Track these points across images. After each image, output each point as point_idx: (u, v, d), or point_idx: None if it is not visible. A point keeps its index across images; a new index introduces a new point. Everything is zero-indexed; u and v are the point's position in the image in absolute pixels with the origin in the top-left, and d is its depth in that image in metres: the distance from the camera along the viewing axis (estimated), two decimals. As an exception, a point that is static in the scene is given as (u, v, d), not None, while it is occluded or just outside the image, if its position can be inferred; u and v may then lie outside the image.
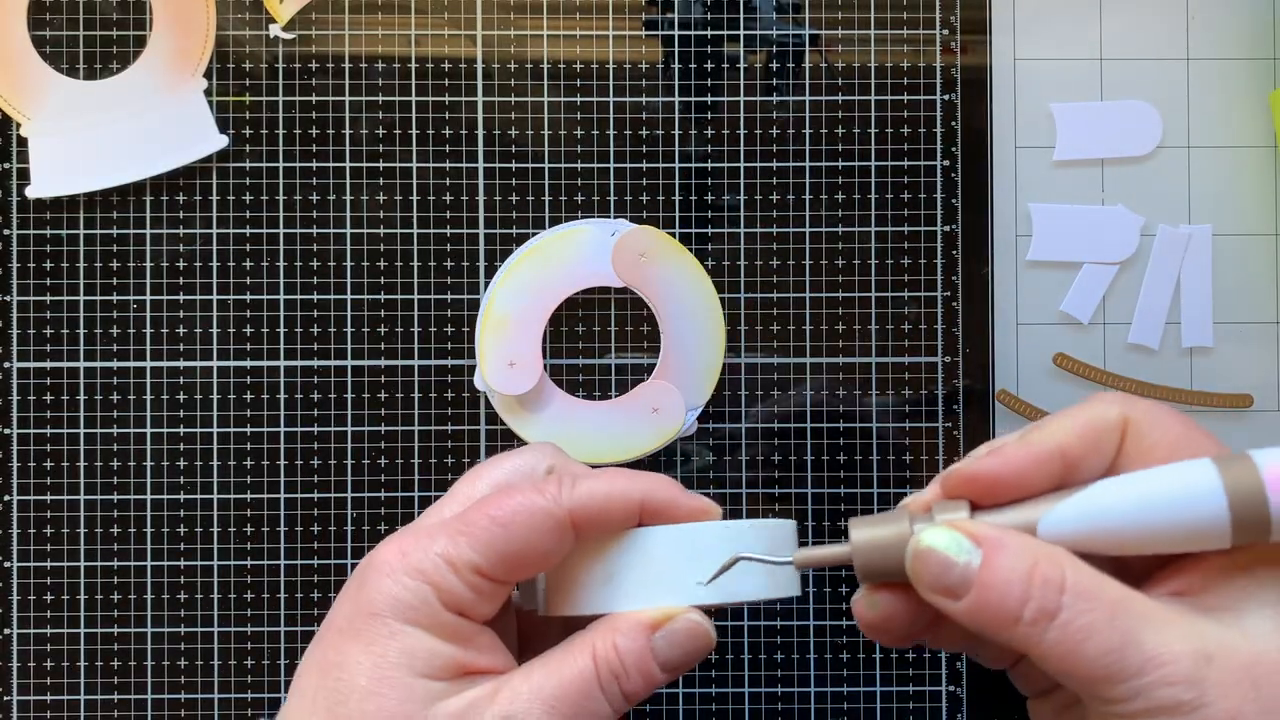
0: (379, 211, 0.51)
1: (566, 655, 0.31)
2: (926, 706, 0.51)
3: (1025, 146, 0.51)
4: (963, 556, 0.27)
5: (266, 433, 0.50)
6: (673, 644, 0.31)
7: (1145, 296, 0.51)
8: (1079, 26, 0.51)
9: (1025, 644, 0.27)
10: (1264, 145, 0.51)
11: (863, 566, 0.30)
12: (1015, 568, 0.27)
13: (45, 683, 0.50)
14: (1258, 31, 0.51)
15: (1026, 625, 0.27)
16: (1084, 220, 0.51)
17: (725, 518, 0.36)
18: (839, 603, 0.51)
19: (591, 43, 0.51)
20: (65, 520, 0.50)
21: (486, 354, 0.49)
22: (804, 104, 0.51)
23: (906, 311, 0.51)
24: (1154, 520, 0.27)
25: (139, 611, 0.50)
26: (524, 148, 0.51)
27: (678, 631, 0.31)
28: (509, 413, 0.50)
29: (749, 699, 0.51)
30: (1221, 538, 0.27)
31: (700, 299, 0.50)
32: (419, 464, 0.51)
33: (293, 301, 0.51)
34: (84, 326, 0.50)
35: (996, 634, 0.27)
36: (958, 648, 0.34)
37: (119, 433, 0.50)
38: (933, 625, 0.31)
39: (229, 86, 0.50)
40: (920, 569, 0.28)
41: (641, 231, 0.50)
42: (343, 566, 0.50)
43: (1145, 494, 0.27)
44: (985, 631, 0.28)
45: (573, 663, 0.31)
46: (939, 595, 0.28)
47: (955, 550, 0.27)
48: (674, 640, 0.31)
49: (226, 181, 0.51)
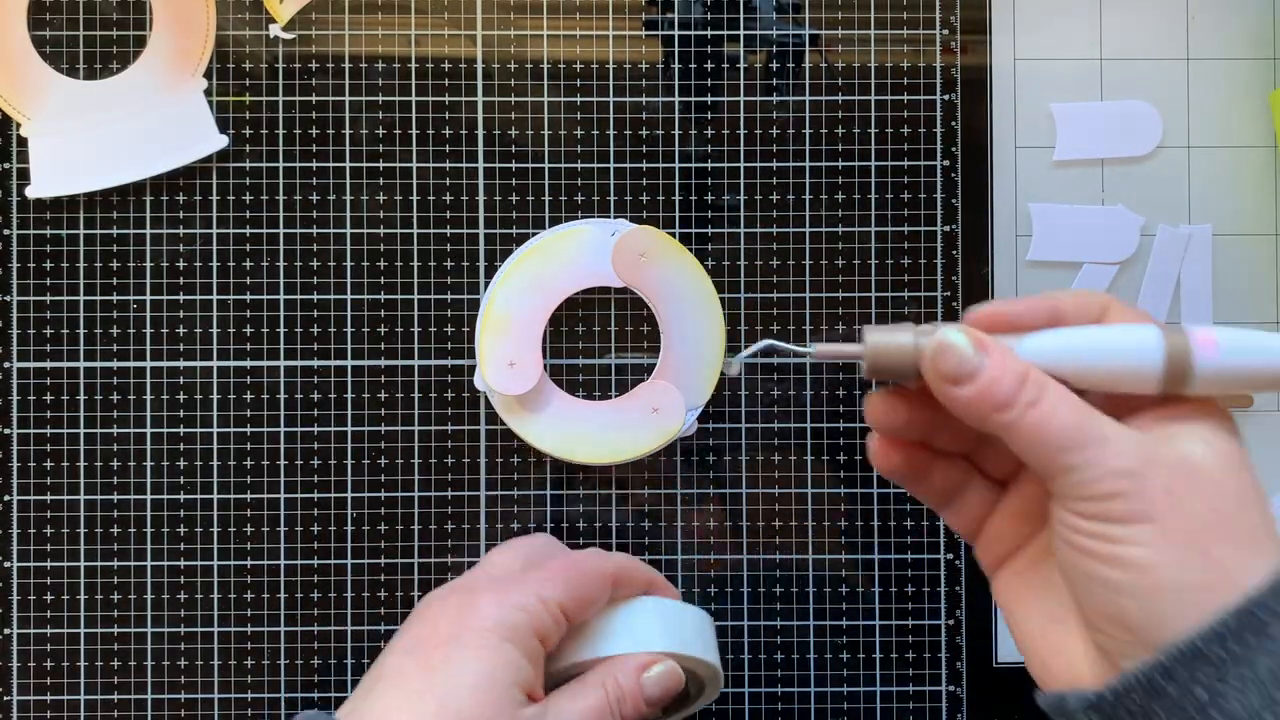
0: (379, 211, 0.51)
1: (585, 689, 0.41)
2: (926, 706, 0.51)
3: (1025, 146, 0.51)
4: (972, 352, 0.34)
5: (266, 433, 0.50)
6: (655, 682, 0.42)
7: (1145, 296, 0.51)
8: (1079, 26, 0.51)
9: (1008, 426, 0.34)
10: (1264, 145, 0.51)
11: (871, 362, 0.36)
12: (1013, 368, 0.34)
13: (45, 683, 0.50)
14: (1258, 31, 0.52)
15: (1016, 410, 0.33)
16: (1084, 220, 0.51)
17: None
18: (839, 603, 0.51)
19: (591, 43, 0.51)
20: (65, 520, 0.50)
21: (486, 354, 0.49)
22: (804, 104, 0.51)
23: (906, 311, 0.51)
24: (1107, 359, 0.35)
25: (139, 611, 0.50)
26: (524, 148, 0.51)
27: (660, 674, 0.42)
28: (509, 413, 0.50)
29: (749, 699, 0.51)
30: (1155, 382, 0.34)
31: (700, 299, 0.50)
32: (419, 464, 0.51)
33: (293, 301, 0.51)
34: (84, 326, 0.50)
35: (988, 417, 0.34)
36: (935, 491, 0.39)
37: (119, 433, 0.50)
38: (928, 428, 0.38)
39: (229, 86, 0.50)
40: (939, 358, 0.34)
41: (641, 231, 0.50)
42: (343, 566, 0.50)
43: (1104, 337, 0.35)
44: (977, 415, 0.34)
45: (591, 694, 0.41)
46: (949, 383, 0.34)
47: (968, 348, 0.34)
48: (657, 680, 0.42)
49: (226, 181, 0.51)
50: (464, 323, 0.51)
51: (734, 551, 0.51)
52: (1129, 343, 0.34)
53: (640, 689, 0.41)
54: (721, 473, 0.51)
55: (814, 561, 0.51)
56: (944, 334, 0.34)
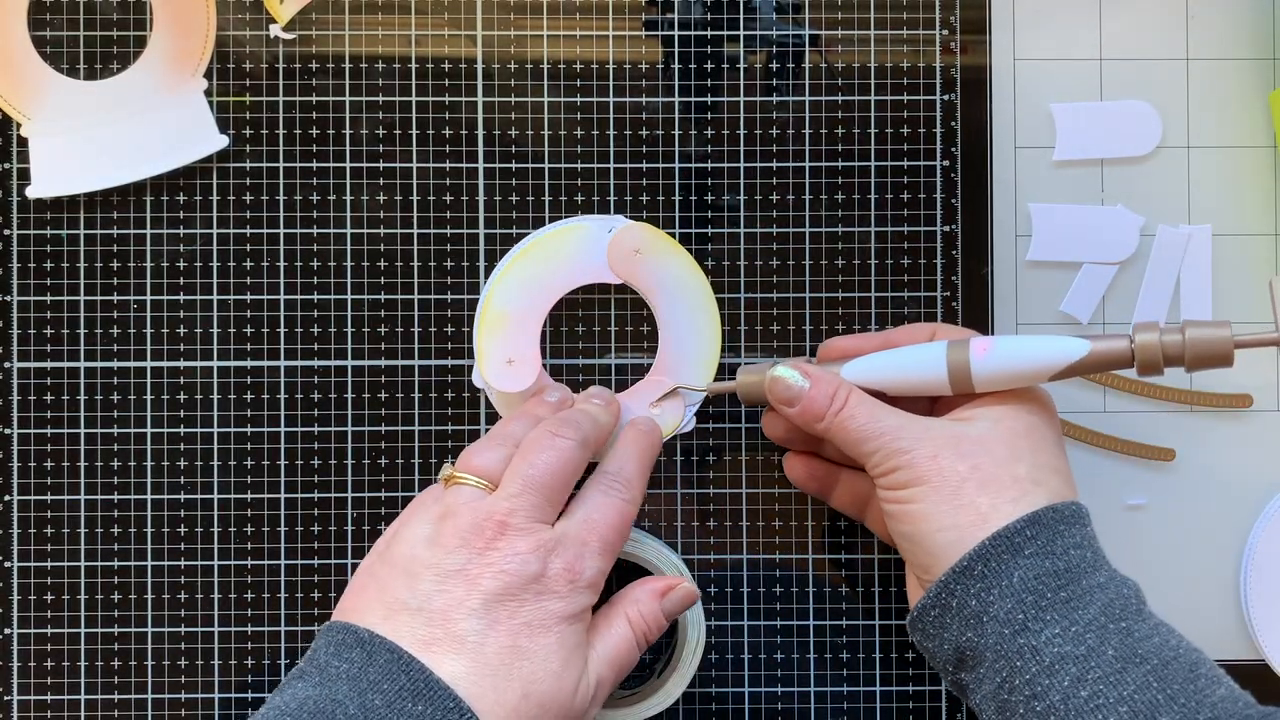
0: (379, 211, 0.51)
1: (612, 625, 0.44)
2: (926, 706, 0.51)
3: (1025, 146, 0.51)
4: (796, 382, 0.45)
5: (267, 433, 0.50)
6: (674, 604, 0.45)
7: (1145, 296, 0.51)
8: (1079, 26, 0.51)
9: (826, 430, 0.45)
10: (1264, 145, 0.51)
11: (741, 393, 0.48)
12: (826, 388, 0.45)
13: (45, 683, 0.50)
14: (1258, 31, 0.52)
15: (828, 418, 0.44)
16: (1084, 220, 0.51)
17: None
18: (838, 603, 0.51)
19: (591, 43, 0.51)
20: (65, 520, 0.50)
21: (485, 351, 0.49)
22: (804, 104, 0.51)
23: (906, 311, 0.51)
24: (903, 373, 0.45)
25: (139, 611, 0.50)
26: (524, 148, 0.51)
27: (679, 598, 0.46)
28: (508, 410, 0.50)
29: (749, 699, 0.51)
30: (944, 386, 0.44)
31: (696, 294, 0.50)
32: (419, 463, 0.51)
33: (293, 301, 0.51)
34: (84, 326, 0.50)
35: (812, 425, 0.45)
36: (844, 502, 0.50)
37: (119, 433, 0.50)
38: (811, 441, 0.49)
39: (229, 86, 0.50)
40: (773, 387, 0.46)
41: (637, 228, 0.50)
42: (343, 566, 0.50)
43: (899, 356, 0.45)
44: (805, 424, 0.45)
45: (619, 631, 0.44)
46: (782, 404, 0.46)
47: (793, 378, 0.45)
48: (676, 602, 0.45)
49: (226, 181, 0.51)
50: (464, 322, 0.51)
51: (734, 551, 0.51)
52: (917, 359, 0.45)
53: (661, 614, 0.45)
54: (721, 473, 0.51)
55: (814, 561, 0.51)
56: (777, 370, 0.46)
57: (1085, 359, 0.43)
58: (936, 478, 0.42)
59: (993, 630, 0.40)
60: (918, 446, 0.43)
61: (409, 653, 0.39)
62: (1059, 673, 0.39)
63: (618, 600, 0.45)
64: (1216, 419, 0.51)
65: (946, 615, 0.42)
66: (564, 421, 0.45)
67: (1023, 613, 0.40)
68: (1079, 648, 0.39)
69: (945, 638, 0.42)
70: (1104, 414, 0.51)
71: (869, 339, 0.48)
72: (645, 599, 0.45)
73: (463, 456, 0.45)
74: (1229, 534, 0.51)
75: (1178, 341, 0.42)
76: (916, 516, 0.42)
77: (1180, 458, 0.51)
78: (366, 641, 0.40)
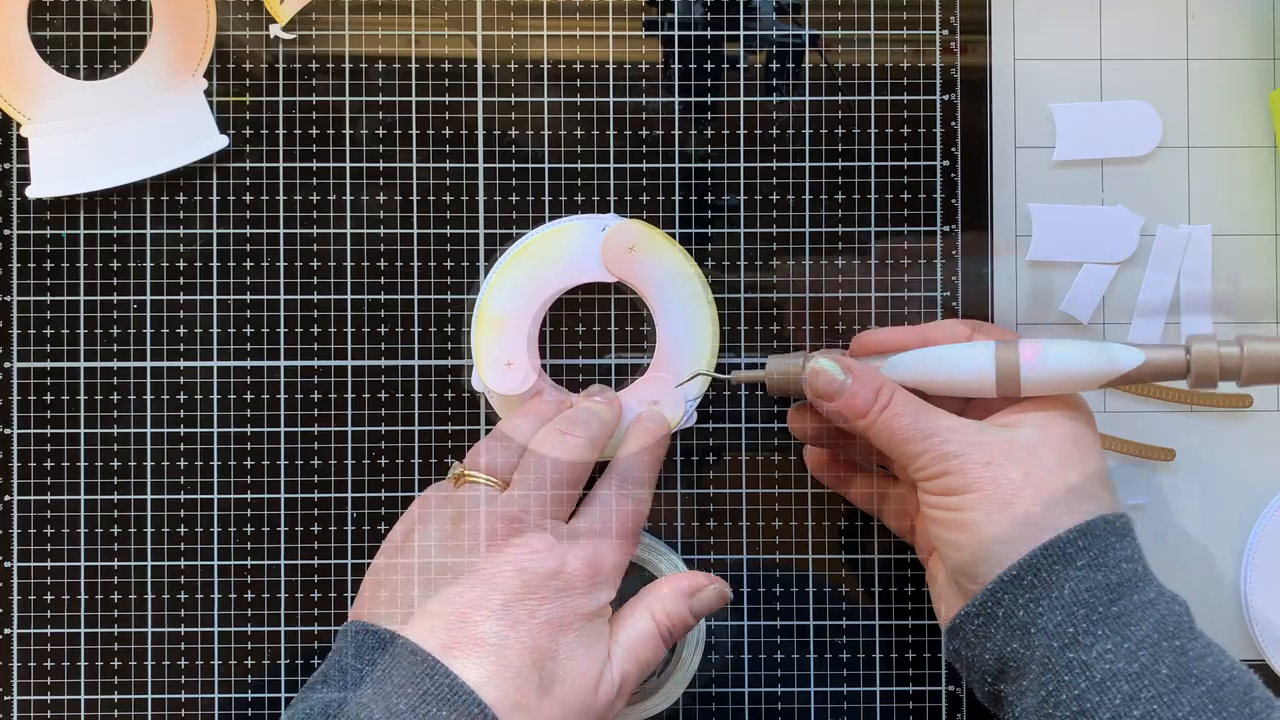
0: (379, 211, 0.51)
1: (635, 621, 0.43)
2: (926, 706, 0.51)
3: (1025, 146, 0.51)
4: (839, 376, 0.43)
5: (266, 433, 0.50)
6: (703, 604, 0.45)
7: (1145, 296, 0.51)
8: (1079, 26, 0.51)
9: (867, 428, 0.43)
10: (1264, 145, 0.51)
11: (772, 384, 0.46)
12: (870, 384, 0.43)
13: (45, 683, 0.50)
14: (1258, 31, 0.51)
15: (871, 415, 0.43)
16: (1084, 220, 0.51)
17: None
18: (839, 603, 0.51)
19: (591, 43, 0.51)
20: (65, 520, 0.50)
21: (483, 354, 0.49)
22: (804, 104, 0.51)
23: (906, 311, 0.51)
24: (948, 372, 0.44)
25: (139, 611, 0.50)
26: (524, 148, 0.51)
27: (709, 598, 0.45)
28: (507, 412, 0.50)
29: (749, 699, 0.51)
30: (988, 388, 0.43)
31: (691, 289, 0.50)
32: (419, 463, 0.51)
33: (293, 301, 0.51)
34: (84, 326, 0.50)
35: (852, 421, 0.43)
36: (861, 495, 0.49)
37: (119, 433, 0.50)
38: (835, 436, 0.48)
39: (229, 86, 0.50)
40: (814, 379, 0.44)
41: (629, 225, 0.50)
42: (343, 566, 0.50)
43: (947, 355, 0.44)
44: (845, 420, 0.44)
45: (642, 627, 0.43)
46: (823, 398, 0.44)
47: (835, 370, 0.44)
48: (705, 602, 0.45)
49: (226, 181, 0.51)
50: (464, 323, 0.51)
51: (734, 551, 0.51)
52: (963, 358, 0.43)
53: (688, 612, 0.44)
54: (721, 473, 0.51)
55: (814, 561, 0.51)
56: (818, 361, 0.44)
57: (1139, 369, 0.42)
58: (990, 485, 0.41)
59: (1041, 642, 0.39)
60: (969, 451, 0.41)
61: (433, 656, 0.39)
62: (1110, 690, 0.38)
63: (643, 596, 0.45)
64: (1216, 419, 0.51)
65: (991, 625, 0.41)
66: (572, 420, 0.45)
67: (1073, 626, 0.39)
68: (1132, 665, 0.38)
69: (988, 647, 0.41)
70: (1104, 414, 0.51)
71: (905, 334, 0.46)
72: (672, 596, 0.44)
73: (470, 455, 0.45)
74: (1229, 534, 0.51)
75: (1235, 354, 0.41)
76: (967, 524, 0.41)
77: (1180, 458, 0.51)
78: (389, 643, 0.40)
